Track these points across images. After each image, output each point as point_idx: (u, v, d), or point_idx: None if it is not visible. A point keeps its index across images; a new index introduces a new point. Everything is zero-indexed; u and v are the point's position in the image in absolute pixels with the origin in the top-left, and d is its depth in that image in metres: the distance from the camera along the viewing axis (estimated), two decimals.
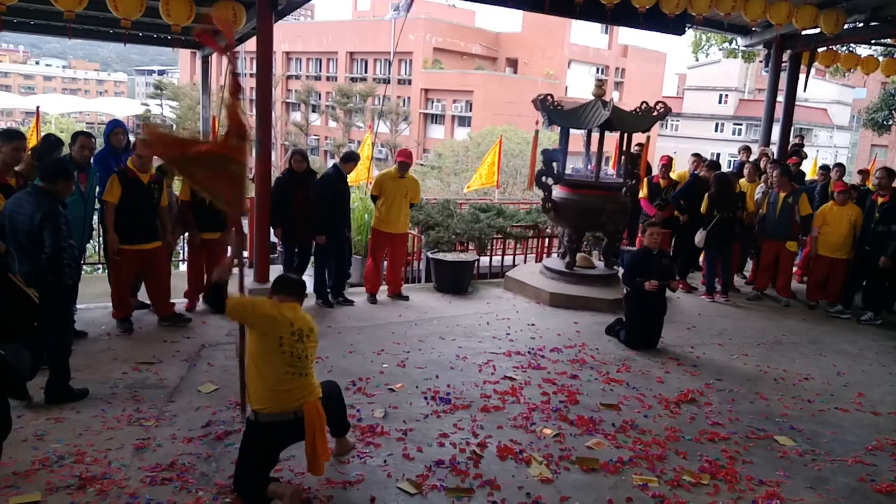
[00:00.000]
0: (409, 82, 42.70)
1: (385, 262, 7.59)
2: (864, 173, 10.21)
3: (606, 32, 44.74)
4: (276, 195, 6.79)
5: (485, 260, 9.34)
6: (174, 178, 6.09)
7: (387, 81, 38.29)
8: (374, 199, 7.35)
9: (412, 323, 6.62)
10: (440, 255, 8.03)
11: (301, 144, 38.88)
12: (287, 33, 45.54)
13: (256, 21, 6.72)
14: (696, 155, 9.11)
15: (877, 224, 7.41)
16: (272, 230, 7.00)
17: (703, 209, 7.97)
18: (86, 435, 3.95)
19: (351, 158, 7.12)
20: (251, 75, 7.17)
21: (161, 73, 77.88)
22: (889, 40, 10.78)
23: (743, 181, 8.59)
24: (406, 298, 7.42)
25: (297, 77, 47.97)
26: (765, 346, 6.51)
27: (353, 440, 3.99)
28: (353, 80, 43.36)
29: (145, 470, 3.60)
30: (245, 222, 6.53)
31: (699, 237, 7.97)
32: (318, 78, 46.80)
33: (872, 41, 11.23)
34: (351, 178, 8.64)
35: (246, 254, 9.28)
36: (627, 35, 46.43)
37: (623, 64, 46.88)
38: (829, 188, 9.21)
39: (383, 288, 7.60)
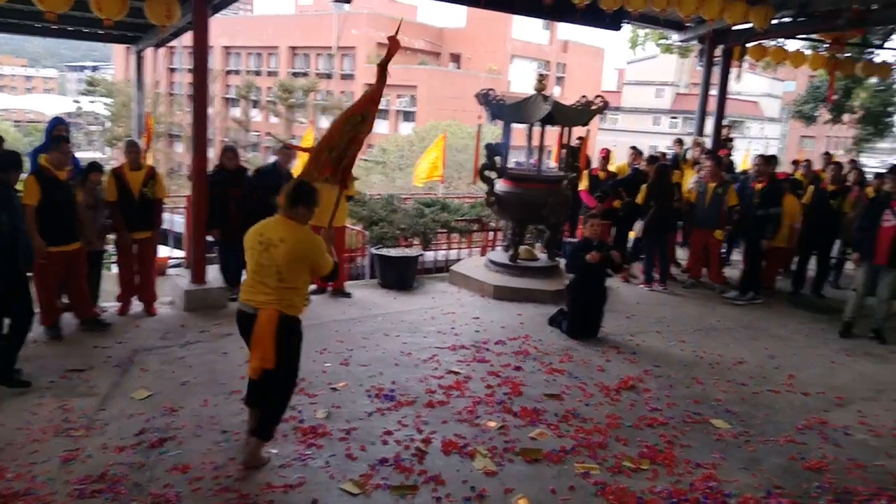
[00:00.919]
0: (353, 77, 42.29)
1: None
2: (795, 164, 10.58)
3: (547, 28, 45.24)
4: (211, 194, 6.64)
5: (430, 255, 9.32)
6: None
7: (329, 76, 37.83)
8: None
9: (356, 320, 6.55)
10: (384, 251, 7.97)
11: (241, 141, 38.03)
12: (226, 28, 44.45)
13: (192, 15, 6.52)
14: (634, 148, 9.32)
15: (756, 208, 7.73)
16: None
17: (640, 200, 8.14)
18: (8, 449, 3.76)
19: (284, 147, 7.21)
20: (189, 70, 6.99)
21: (94, 69, 75.03)
22: (815, 35, 11.19)
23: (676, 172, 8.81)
24: (348, 295, 7.34)
25: (237, 72, 46.80)
26: (701, 333, 6.69)
27: (267, 457, 3.80)
28: (294, 74, 42.60)
29: (73, 483, 3.45)
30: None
31: (638, 227, 8.14)
32: (258, 73, 45.76)
33: (800, 36, 11.64)
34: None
35: (183, 254, 9.07)
36: (567, 31, 46.91)
37: (564, 59, 47.45)
38: None
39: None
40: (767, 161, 8.06)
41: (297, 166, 8.61)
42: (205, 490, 3.46)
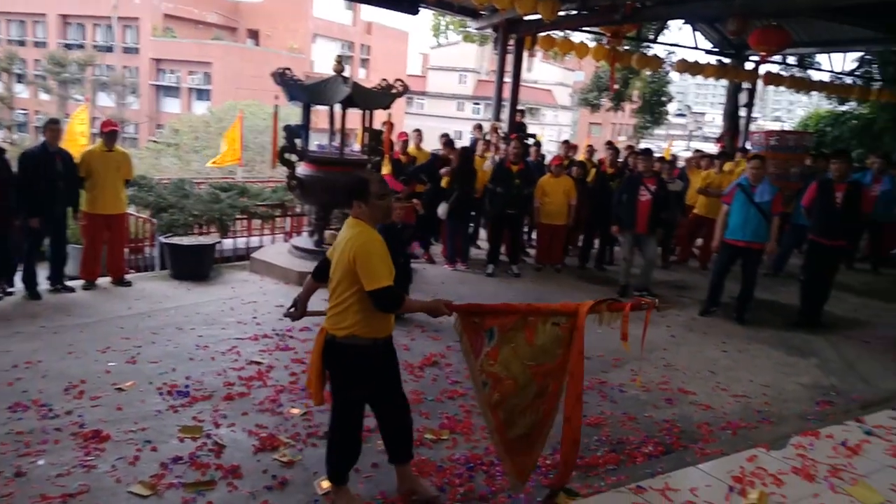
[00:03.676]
0: (137, 51, 38.84)
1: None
2: (573, 148, 11.42)
3: (350, 9, 44.86)
4: None
5: (228, 242, 8.90)
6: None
7: (110, 49, 34.40)
8: (82, 180, 6.61)
9: (144, 315, 6.08)
10: (175, 240, 7.46)
11: (4, 119, 33.47)
12: None
13: None
14: (417, 130, 9.74)
15: (518, 189, 8.15)
16: None
17: (444, 183, 8.38)
18: None
19: (51, 122, 6.55)
20: None
21: None
22: (597, 28, 12.19)
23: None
24: (129, 284, 6.88)
25: None
26: None
27: (431, 488, 3.51)
28: (67, 46, 38.11)
29: None
30: None
31: (442, 210, 8.36)
32: (22, 43, 40.33)
33: (584, 28, 12.61)
34: None
35: None
36: (371, 13, 46.92)
37: (368, 41, 47.37)
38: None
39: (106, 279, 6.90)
40: (524, 146, 8.75)
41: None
42: None
